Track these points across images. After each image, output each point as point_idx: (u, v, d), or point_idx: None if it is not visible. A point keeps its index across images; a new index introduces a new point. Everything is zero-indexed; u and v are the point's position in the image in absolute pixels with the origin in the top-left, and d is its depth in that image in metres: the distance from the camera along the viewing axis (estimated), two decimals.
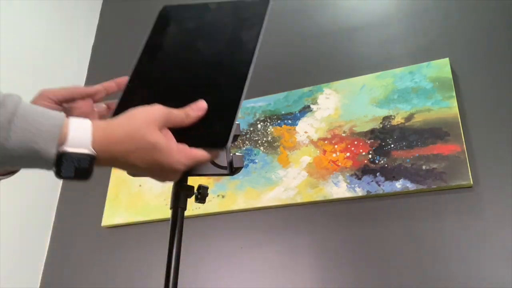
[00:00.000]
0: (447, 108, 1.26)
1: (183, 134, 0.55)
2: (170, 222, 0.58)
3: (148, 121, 0.51)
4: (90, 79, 2.07)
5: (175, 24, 0.69)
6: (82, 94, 0.63)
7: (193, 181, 0.61)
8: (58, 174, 0.46)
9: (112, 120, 0.51)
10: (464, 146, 1.20)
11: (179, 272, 0.57)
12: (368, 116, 1.36)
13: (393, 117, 1.33)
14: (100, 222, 1.59)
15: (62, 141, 0.45)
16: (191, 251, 1.40)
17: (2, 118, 0.42)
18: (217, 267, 1.38)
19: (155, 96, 0.59)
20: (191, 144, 0.54)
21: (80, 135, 0.46)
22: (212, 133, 0.56)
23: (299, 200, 1.33)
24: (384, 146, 1.30)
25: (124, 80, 0.64)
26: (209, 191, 0.63)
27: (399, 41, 1.46)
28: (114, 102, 0.62)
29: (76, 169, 0.46)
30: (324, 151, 1.37)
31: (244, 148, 1.49)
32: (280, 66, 1.62)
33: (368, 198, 1.27)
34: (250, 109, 1.55)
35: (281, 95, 1.53)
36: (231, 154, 0.60)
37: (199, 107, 0.56)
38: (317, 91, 1.48)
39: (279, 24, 1.70)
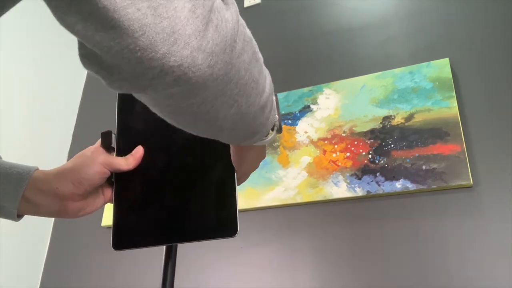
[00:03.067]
0: (447, 108, 1.26)
1: (193, 231, 0.56)
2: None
3: None
4: (90, 78, 2.07)
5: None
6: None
7: None
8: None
9: None
10: (464, 146, 1.20)
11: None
12: (368, 116, 1.36)
13: (393, 117, 1.33)
14: (100, 222, 1.59)
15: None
16: (191, 251, 1.40)
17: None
18: (217, 267, 1.38)
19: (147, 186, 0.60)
20: (204, 238, 0.57)
21: None
22: (220, 223, 0.57)
23: (299, 200, 1.33)
24: (384, 146, 1.30)
25: None
26: None
27: (399, 41, 1.46)
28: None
29: None
30: (324, 151, 1.37)
31: None
32: (280, 66, 1.62)
33: (368, 198, 1.27)
34: None
35: (281, 95, 1.53)
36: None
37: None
38: (317, 91, 1.48)
39: (279, 24, 1.71)
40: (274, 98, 0.50)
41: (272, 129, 0.51)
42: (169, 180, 0.60)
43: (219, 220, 0.57)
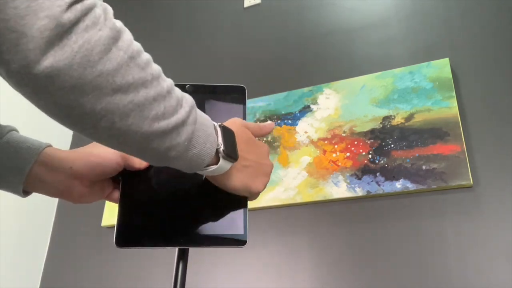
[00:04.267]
0: (447, 108, 1.26)
1: (202, 237, 0.59)
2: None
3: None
4: None
5: None
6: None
7: None
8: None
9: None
10: (464, 146, 1.20)
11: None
12: (368, 116, 1.36)
13: (393, 117, 1.33)
14: (100, 222, 1.59)
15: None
16: (191, 251, 1.40)
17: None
18: (217, 267, 1.38)
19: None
20: (213, 244, 0.59)
21: None
22: (229, 231, 0.58)
23: (299, 200, 1.33)
24: (384, 146, 1.30)
25: None
26: None
27: (399, 41, 1.46)
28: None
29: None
30: (324, 151, 1.37)
31: None
32: (280, 66, 1.62)
33: (368, 198, 1.27)
34: (250, 109, 1.55)
35: (281, 95, 1.53)
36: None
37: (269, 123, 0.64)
38: (317, 91, 1.48)
39: (279, 24, 1.71)
40: (216, 130, 0.51)
41: (221, 158, 0.51)
42: (178, 185, 0.60)
43: (229, 228, 0.57)
